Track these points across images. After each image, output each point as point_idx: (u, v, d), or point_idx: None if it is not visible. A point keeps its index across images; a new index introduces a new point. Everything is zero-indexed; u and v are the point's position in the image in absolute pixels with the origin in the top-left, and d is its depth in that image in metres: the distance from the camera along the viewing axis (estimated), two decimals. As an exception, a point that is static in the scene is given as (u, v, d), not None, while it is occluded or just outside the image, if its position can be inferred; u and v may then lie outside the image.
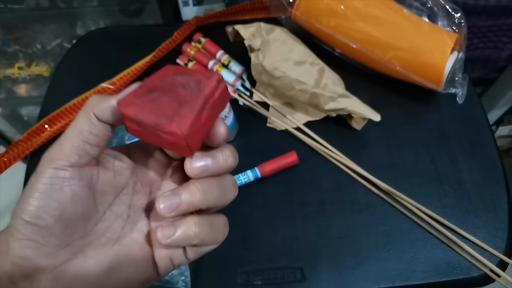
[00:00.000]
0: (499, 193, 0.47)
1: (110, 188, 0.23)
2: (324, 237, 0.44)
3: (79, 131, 0.21)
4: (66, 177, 0.21)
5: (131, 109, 0.20)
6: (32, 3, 0.82)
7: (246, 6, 0.62)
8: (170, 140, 0.20)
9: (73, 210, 0.21)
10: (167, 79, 0.22)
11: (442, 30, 0.51)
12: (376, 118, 0.48)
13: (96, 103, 0.21)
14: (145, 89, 0.21)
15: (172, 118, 0.19)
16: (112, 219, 0.23)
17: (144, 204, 0.24)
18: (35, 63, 0.94)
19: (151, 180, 0.25)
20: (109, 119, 0.21)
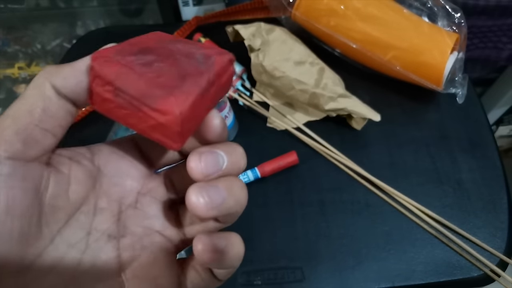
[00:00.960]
0: (499, 193, 0.46)
1: (62, 202, 0.16)
2: (324, 237, 0.44)
3: (28, 108, 0.15)
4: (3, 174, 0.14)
5: (110, 69, 0.15)
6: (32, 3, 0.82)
7: (246, 6, 0.62)
8: (158, 121, 0.14)
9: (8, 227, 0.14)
10: (166, 44, 0.17)
11: (442, 30, 0.51)
12: (376, 118, 0.48)
13: (55, 70, 0.15)
14: (135, 48, 0.16)
15: (171, 91, 0.14)
16: (64, 249, 0.16)
17: (110, 229, 0.17)
18: (35, 63, 0.94)
19: (122, 193, 0.18)
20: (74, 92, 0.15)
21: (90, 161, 0.17)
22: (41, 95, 0.15)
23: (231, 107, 0.49)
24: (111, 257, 0.17)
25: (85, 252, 0.16)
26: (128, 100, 0.15)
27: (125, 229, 0.17)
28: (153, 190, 0.19)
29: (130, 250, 0.17)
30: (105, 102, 0.15)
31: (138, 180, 0.18)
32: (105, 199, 0.17)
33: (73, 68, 0.15)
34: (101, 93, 0.15)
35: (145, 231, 0.18)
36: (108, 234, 0.17)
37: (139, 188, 0.18)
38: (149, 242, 0.18)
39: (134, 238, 0.17)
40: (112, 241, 0.17)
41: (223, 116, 0.47)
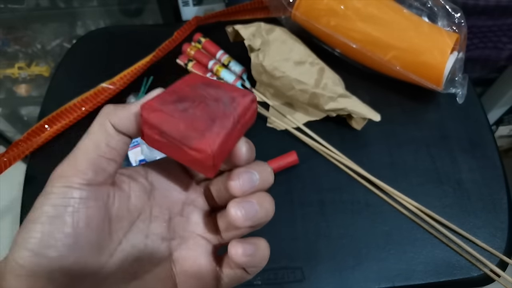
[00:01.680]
0: (499, 193, 0.47)
1: (126, 213, 0.20)
2: (324, 237, 0.44)
3: (95, 143, 0.18)
4: (82, 197, 0.18)
5: (156, 116, 0.18)
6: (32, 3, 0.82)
7: (246, 6, 0.62)
8: (195, 157, 0.18)
9: (88, 238, 0.18)
10: (198, 90, 0.20)
11: (442, 30, 0.51)
12: (376, 118, 0.48)
13: (113, 112, 0.19)
14: (174, 96, 0.19)
15: (203, 134, 0.18)
16: (128, 251, 0.20)
17: (163, 233, 0.21)
18: (35, 63, 0.94)
19: (171, 204, 0.22)
20: (129, 129, 0.19)
21: (144, 178, 0.21)
22: (104, 133, 0.19)
23: (231, 107, 0.49)
24: (165, 255, 0.21)
25: (144, 251, 0.20)
26: (170, 141, 0.18)
27: (174, 233, 0.22)
28: (194, 200, 0.23)
29: (178, 250, 0.21)
30: (155, 140, 0.19)
31: (182, 192, 0.22)
32: (157, 208, 0.21)
33: (127, 111, 0.19)
34: (150, 135, 0.19)
35: (190, 234, 0.22)
36: (161, 237, 0.21)
37: (184, 199, 0.22)
38: (193, 244, 0.22)
39: (181, 240, 0.22)
40: (165, 242, 0.21)
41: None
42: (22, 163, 0.53)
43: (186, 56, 0.58)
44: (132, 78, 0.56)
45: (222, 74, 0.56)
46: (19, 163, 0.51)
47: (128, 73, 0.56)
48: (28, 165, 0.51)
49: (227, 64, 0.57)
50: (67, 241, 0.17)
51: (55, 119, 0.53)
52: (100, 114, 0.19)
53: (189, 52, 0.58)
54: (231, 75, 0.56)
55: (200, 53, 0.58)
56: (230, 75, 0.56)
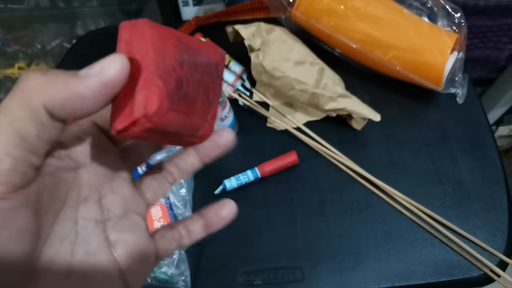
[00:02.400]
0: (499, 193, 0.46)
1: (51, 202, 0.16)
2: (324, 237, 0.44)
3: (21, 136, 0.13)
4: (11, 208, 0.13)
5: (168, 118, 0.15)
6: (32, 3, 0.82)
7: (246, 6, 0.62)
8: (195, 142, 0.18)
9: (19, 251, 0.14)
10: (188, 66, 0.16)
11: (442, 30, 0.51)
12: (376, 118, 0.48)
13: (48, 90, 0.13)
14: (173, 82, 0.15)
15: (205, 118, 0.17)
16: (57, 244, 0.16)
17: (96, 215, 0.18)
18: (35, 63, 0.94)
19: (100, 180, 0.18)
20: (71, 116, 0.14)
21: (67, 157, 0.17)
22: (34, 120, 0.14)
23: (231, 107, 0.49)
24: (101, 240, 0.18)
25: (76, 242, 0.17)
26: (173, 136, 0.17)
27: (109, 212, 0.19)
28: (120, 172, 0.19)
29: (115, 231, 0.18)
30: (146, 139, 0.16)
31: (110, 164, 0.19)
32: (86, 188, 0.18)
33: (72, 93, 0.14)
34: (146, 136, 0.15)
35: (124, 212, 0.19)
36: (94, 220, 0.18)
37: (112, 173, 0.19)
38: (129, 222, 0.19)
39: (117, 220, 0.19)
40: (99, 225, 0.18)
41: (223, 116, 0.47)
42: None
43: (186, 56, 0.58)
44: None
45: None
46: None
47: (128, 73, 0.56)
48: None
49: (227, 64, 0.57)
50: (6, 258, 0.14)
51: (55, 119, 0.53)
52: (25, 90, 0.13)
53: (189, 52, 0.58)
54: (231, 75, 0.56)
55: (200, 53, 0.58)
56: (230, 75, 0.56)
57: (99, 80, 0.14)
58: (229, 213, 0.22)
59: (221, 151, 0.21)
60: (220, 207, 0.22)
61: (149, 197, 0.21)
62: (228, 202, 0.22)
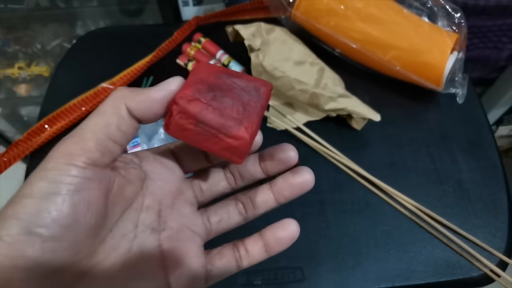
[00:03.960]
0: (499, 193, 0.47)
1: (120, 199, 0.19)
2: (324, 237, 0.44)
3: (105, 124, 0.18)
4: (86, 177, 0.17)
5: (195, 106, 0.18)
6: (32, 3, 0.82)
7: (246, 6, 0.62)
8: (231, 144, 0.19)
9: (87, 221, 0.17)
10: (224, 80, 0.20)
11: (442, 30, 0.51)
12: (376, 118, 0.48)
13: (130, 95, 0.18)
14: (205, 85, 0.19)
15: (241, 121, 0.19)
16: (118, 238, 0.19)
17: (153, 224, 0.20)
18: (35, 63, 0.94)
19: (163, 195, 0.21)
20: (144, 115, 0.19)
21: (139, 166, 0.21)
22: (117, 114, 0.18)
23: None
24: (154, 246, 0.20)
25: (133, 241, 0.19)
26: (207, 130, 0.19)
27: (165, 224, 0.21)
28: (184, 193, 0.22)
29: (168, 241, 0.21)
30: (184, 130, 0.19)
31: (174, 184, 0.22)
32: (150, 198, 0.21)
33: (147, 97, 0.19)
34: (183, 124, 0.19)
35: (180, 227, 0.21)
36: (151, 228, 0.20)
37: (175, 192, 0.22)
38: (183, 236, 0.21)
39: (171, 232, 0.21)
40: (154, 233, 0.20)
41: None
42: (22, 163, 0.53)
43: (186, 56, 0.58)
44: (132, 78, 0.56)
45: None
46: (19, 163, 0.51)
47: (128, 73, 0.56)
48: (28, 165, 0.51)
49: (227, 64, 0.57)
50: (65, 221, 0.16)
51: (55, 119, 0.53)
52: (114, 95, 0.18)
53: (189, 52, 0.58)
54: (231, 75, 0.56)
55: (200, 53, 0.58)
56: (230, 75, 0.55)
57: (165, 89, 0.19)
58: (289, 234, 0.23)
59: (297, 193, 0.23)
60: (278, 227, 0.22)
61: (213, 221, 0.23)
62: (288, 222, 0.23)
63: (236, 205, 0.23)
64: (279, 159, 0.22)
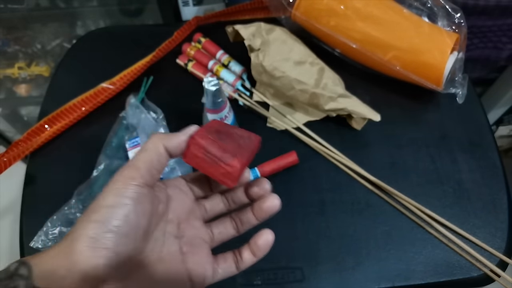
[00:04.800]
0: (499, 193, 0.47)
1: (156, 213, 0.26)
2: (324, 237, 0.44)
3: (150, 157, 0.25)
4: (143, 193, 0.24)
5: (205, 140, 0.26)
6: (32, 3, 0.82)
7: (246, 6, 0.62)
8: (227, 170, 0.26)
9: (144, 225, 0.24)
10: (228, 129, 0.30)
11: (442, 30, 0.51)
12: (376, 118, 0.48)
13: (167, 138, 0.26)
14: (213, 129, 0.28)
15: (235, 154, 0.26)
16: (153, 242, 0.26)
17: (175, 232, 0.27)
18: (35, 63, 0.94)
19: (181, 212, 0.28)
20: (175, 151, 0.26)
21: (165, 190, 0.28)
22: (158, 151, 0.25)
23: (231, 107, 0.49)
24: (177, 249, 0.27)
25: (163, 245, 0.26)
26: (211, 158, 0.26)
27: (183, 233, 0.28)
28: (195, 211, 0.29)
29: (186, 246, 0.27)
30: (196, 157, 0.26)
31: (188, 204, 0.29)
32: (172, 214, 0.28)
33: (178, 139, 0.26)
34: (196, 153, 0.26)
35: (194, 235, 0.28)
36: (174, 235, 0.27)
37: (189, 210, 0.29)
38: (196, 242, 0.28)
39: (188, 239, 0.28)
40: (176, 240, 0.27)
41: (224, 116, 0.47)
42: (22, 163, 0.53)
43: (186, 56, 0.58)
44: (132, 78, 0.56)
45: (222, 74, 0.56)
46: (19, 163, 0.51)
47: (128, 73, 0.56)
48: (28, 165, 0.51)
49: (227, 64, 0.57)
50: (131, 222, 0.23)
51: (55, 119, 0.53)
52: (155, 137, 0.26)
53: (189, 52, 0.58)
54: (231, 75, 0.56)
55: (200, 53, 0.58)
56: (230, 75, 0.56)
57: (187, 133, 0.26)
58: (264, 241, 0.28)
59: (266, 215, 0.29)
60: (257, 236, 0.28)
61: (215, 233, 0.30)
62: (263, 232, 0.28)
63: (231, 222, 0.30)
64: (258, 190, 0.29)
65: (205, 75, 0.56)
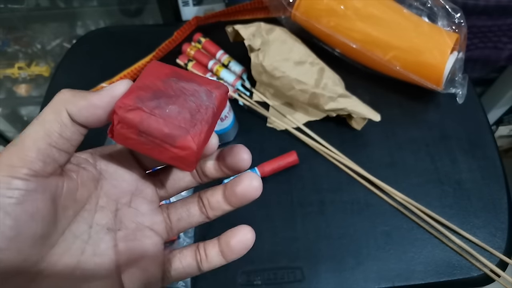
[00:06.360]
0: (499, 193, 0.46)
1: (72, 202, 0.19)
2: (324, 237, 0.44)
3: (46, 132, 0.17)
4: (28, 189, 0.16)
5: (136, 115, 0.18)
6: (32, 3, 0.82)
7: (246, 6, 0.62)
8: (177, 154, 0.18)
9: (31, 231, 0.16)
10: (172, 84, 0.19)
11: (442, 30, 0.51)
12: (376, 118, 0.48)
13: (71, 100, 0.18)
14: (149, 92, 0.18)
15: (187, 130, 0.18)
16: (71, 240, 0.19)
17: (109, 223, 0.20)
18: (35, 63, 0.94)
19: (119, 194, 0.21)
20: (87, 121, 0.18)
21: (93, 166, 0.20)
22: (58, 121, 0.17)
23: (231, 107, 0.49)
24: (109, 246, 0.20)
25: (88, 242, 0.19)
26: (150, 140, 0.18)
27: (121, 224, 0.21)
28: (143, 191, 0.22)
29: (124, 241, 0.20)
30: (128, 139, 0.18)
31: (132, 183, 0.21)
32: (105, 198, 0.20)
33: (87, 101, 0.18)
34: (125, 134, 0.18)
35: (138, 226, 0.21)
36: (107, 228, 0.20)
37: (133, 190, 0.21)
38: (140, 235, 0.21)
39: (128, 231, 0.21)
40: (110, 233, 0.20)
41: (223, 116, 0.47)
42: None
43: (186, 56, 0.58)
44: (132, 78, 0.56)
45: (222, 74, 0.56)
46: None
47: (128, 73, 0.56)
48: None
49: (227, 64, 0.57)
50: (8, 233, 0.16)
51: (55, 119, 0.53)
52: (55, 100, 0.18)
53: (189, 52, 0.58)
54: (231, 75, 0.56)
55: (200, 53, 0.58)
56: (230, 75, 0.56)
57: (109, 94, 0.18)
58: (240, 243, 0.21)
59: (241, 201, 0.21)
60: (231, 234, 0.21)
61: (173, 220, 0.22)
62: (241, 229, 0.21)
63: (198, 203, 0.22)
64: (231, 162, 0.21)
65: (205, 75, 0.56)
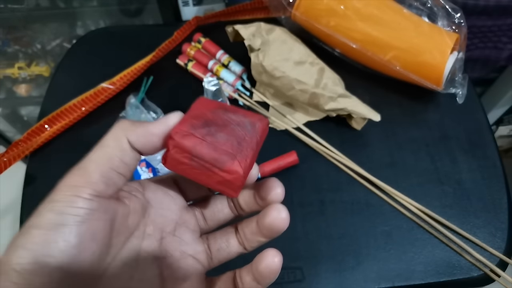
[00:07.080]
0: (499, 193, 0.46)
1: (124, 228, 0.19)
2: (324, 237, 0.44)
3: (108, 156, 0.18)
4: (91, 208, 0.17)
5: (189, 140, 0.19)
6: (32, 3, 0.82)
7: (246, 6, 0.62)
8: (225, 178, 0.19)
9: (91, 251, 0.17)
10: (220, 115, 0.21)
11: (442, 30, 0.51)
12: (376, 118, 0.48)
13: (131, 128, 0.19)
14: (200, 120, 0.20)
15: (235, 156, 0.19)
16: (121, 266, 0.19)
17: (155, 251, 0.21)
18: (35, 63, 0.94)
19: (164, 223, 0.21)
20: (145, 148, 0.19)
21: (142, 194, 0.21)
22: (119, 147, 0.19)
23: (231, 107, 0.49)
24: (156, 274, 0.20)
25: (136, 269, 0.20)
26: (201, 164, 0.19)
27: (166, 252, 0.21)
28: (187, 221, 0.22)
29: (169, 269, 0.21)
30: (180, 164, 0.20)
31: (176, 212, 0.22)
32: (151, 226, 0.21)
33: (145, 130, 0.19)
34: (179, 158, 0.19)
35: (181, 254, 0.22)
36: (153, 256, 0.21)
37: (177, 219, 0.22)
38: (184, 264, 0.21)
39: (172, 259, 0.21)
40: (156, 261, 0.21)
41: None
42: (22, 163, 0.53)
43: (186, 56, 0.58)
44: (132, 78, 0.56)
45: (222, 74, 0.56)
46: (19, 163, 0.51)
47: (128, 73, 0.56)
48: (28, 165, 0.51)
49: (227, 64, 0.57)
50: (72, 252, 0.16)
51: (55, 119, 0.53)
52: (116, 128, 0.19)
53: (189, 52, 0.58)
54: (231, 75, 0.56)
55: (200, 53, 0.58)
56: (230, 75, 0.56)
57: (164, 123, 0.20)
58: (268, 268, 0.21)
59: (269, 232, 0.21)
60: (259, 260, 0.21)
61: (213, 250, 0.23)
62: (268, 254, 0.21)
63: (236, 234, 0.23)
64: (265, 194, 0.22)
65: (205, 75, 0.56)
